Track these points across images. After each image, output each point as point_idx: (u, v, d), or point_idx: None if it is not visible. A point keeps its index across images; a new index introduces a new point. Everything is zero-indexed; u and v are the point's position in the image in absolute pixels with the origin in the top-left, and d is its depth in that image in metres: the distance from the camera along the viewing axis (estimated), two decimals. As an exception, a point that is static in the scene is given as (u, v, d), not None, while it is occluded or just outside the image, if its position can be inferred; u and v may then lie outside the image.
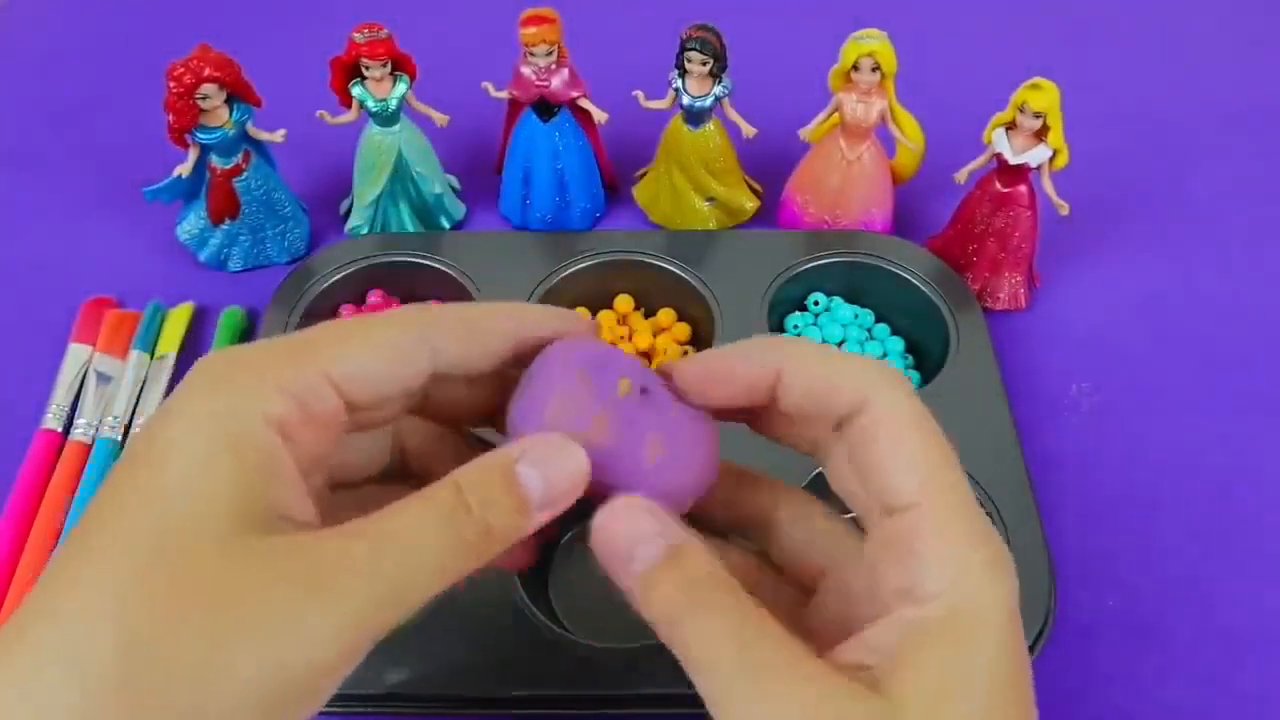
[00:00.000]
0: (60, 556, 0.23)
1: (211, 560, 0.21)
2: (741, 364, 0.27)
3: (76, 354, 0.58)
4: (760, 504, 0.30)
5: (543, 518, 0.25)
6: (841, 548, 0.28)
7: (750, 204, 0.66)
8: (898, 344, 0.59)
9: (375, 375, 0.25)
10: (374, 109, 0.60)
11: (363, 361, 0.25)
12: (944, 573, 0.23)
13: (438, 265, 0.60)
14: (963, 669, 0.22)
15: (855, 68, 0.57)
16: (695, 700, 0.48)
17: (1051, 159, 0.56)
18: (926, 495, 0.24)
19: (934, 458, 0.25)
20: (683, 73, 0.59)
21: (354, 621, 0.22)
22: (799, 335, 0.59)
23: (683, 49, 0.58)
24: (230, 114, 0.58)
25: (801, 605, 0.29)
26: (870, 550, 0.25)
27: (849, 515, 0.28)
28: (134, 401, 0.56)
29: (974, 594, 0.23)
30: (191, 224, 0.63)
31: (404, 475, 0.31)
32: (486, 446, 0.29)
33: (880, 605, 0.24)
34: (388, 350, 0.26)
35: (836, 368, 0.26)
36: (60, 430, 0.55)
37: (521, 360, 0.28)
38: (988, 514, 0.49)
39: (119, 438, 0.55)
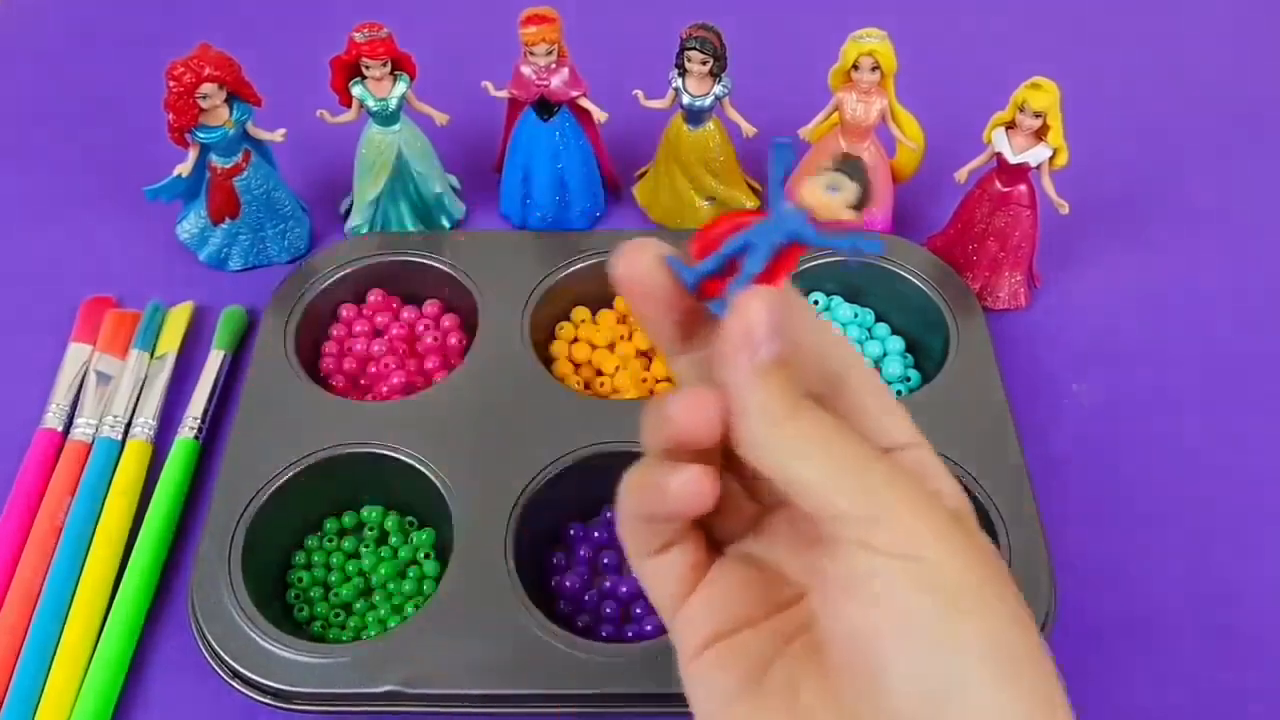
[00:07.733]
0: None
1: None
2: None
3: (76, 353, 0.58)
4: None
5: None
6: None
7: (750, 203, 0.66)
8: (898, 344, 0.59)
9: None
10: (374, 108, 0.60)
11: None
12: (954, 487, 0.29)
13: (438, 265, 0.60)
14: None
15: (855, 67, 0.57)
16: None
17: (1051, 158, 0.56)
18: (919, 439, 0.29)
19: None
20: (683, 72, 0.59)
21: None
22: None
23: (683, 48, 0.58)
24: (230, 113, 0.58)
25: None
26: None
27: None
28: (134, 401, 0.56)
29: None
30: (191, 223, 0.63)
31: None
32: None
33: None
34: None
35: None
36: (60, 429, 0.55)
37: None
38: (988, 514, 0.49)
39: (119, 437, 0.55)
